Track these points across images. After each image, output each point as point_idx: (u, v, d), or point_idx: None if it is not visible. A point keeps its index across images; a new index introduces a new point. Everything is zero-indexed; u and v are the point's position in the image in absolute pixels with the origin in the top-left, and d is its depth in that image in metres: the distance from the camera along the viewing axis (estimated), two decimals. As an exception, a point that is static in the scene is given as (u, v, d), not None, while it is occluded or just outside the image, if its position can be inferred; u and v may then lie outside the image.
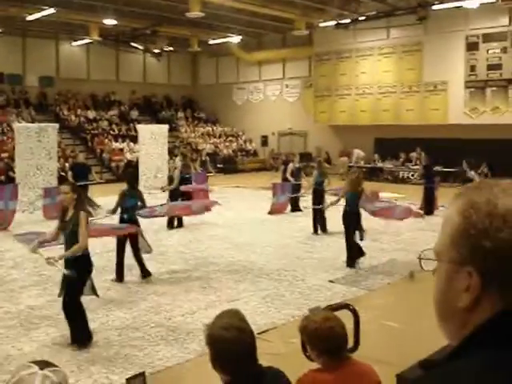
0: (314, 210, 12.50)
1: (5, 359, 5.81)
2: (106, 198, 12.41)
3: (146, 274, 8.76)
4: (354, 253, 9.52)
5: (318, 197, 12.79)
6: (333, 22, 24.23)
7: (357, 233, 9.58)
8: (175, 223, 13.26)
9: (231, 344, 2.19)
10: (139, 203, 8.98)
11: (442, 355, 1.02)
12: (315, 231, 12.54)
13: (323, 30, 25.60)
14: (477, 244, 0.96)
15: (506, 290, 0.95)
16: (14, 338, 6.40)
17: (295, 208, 15.40)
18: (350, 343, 3.63)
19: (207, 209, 12.32)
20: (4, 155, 23.13)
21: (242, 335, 2.22)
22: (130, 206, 8.86)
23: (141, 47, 29.36)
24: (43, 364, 1.60)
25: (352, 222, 9.53)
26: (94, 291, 6.49)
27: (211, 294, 8.02)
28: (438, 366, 0.99)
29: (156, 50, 29.55)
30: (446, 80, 23.37)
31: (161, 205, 10.66)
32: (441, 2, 21.04)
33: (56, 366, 1.53)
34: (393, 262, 10.09)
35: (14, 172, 18.73)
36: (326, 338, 2.69)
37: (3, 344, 6.21)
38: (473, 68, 22.55)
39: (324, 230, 12.58)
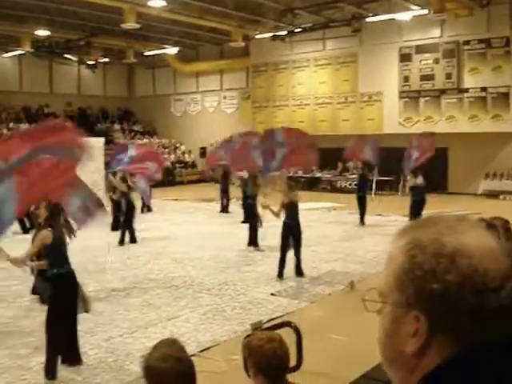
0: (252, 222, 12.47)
1: None
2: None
3: None
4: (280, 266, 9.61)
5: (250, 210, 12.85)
6: (269, 34, 24.42)
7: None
8: (126, 239, 12.97)
9: (168, 376, 2.08)
10: None
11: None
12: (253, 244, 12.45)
13: (260, 41, 25.75)
14: (423, 286, 0.89)
15: (456, 335, 0.88)
16: None
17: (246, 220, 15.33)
18: (293, 362, 3.57)
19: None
20: None
21: (180, 366, 2.12)
22: None
23: (75, 58, 28.81)
24: None
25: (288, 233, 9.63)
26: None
27: (151, 312, 7.85)
28: None
29: (91, 62, 29.06)
30: (381, 90, 23.84)
31: None
32: (375, 15, 21.49)
33: None
34: (332, 272, 10.14)
35: None
36: (267, 357, 2.63)
37: None
38: (406, 79, 23.10)
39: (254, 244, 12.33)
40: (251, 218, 12.34)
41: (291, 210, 9.56)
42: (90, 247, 11.21)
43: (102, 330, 7.11)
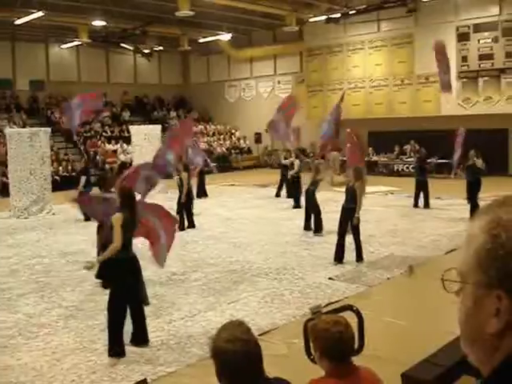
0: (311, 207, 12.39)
1: (4, 370, 5.74)
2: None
3: None
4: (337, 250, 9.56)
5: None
6: (323, 17, 24.18)
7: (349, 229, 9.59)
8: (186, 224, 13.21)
9: (236, 357, 2.12)
10: None
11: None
12: (308, 228, 12.45)
13: (313, 24, 25.54)
14: (506, 265, 0.89)
15: None
16: (13, 347, 6.32)
17: (296, 205, 15.38)
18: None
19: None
20: (-4, 161, 22.98)
21: (247, 347, 2.15)
22: None
23: (131, 48, 29.21)
24: None
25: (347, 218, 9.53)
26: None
27: (210, 296, 7.96)
28: None
29: (146, 51, 29.43)
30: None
31: None
32: (430, -6, 21.02)
33: None
34: (391, 256, 10.05)
35: (7, 178, 18.62)
36: (333, 340, 2.64)
37: (2, 354, 6.13)
38: (464, 58, 22.51)
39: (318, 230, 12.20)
40: (313, 205, 12.25)
41: (351, 194, 9.46)
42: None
43: (164, 313, 7.26)
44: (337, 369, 2.64)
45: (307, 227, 12.41)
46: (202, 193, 18.24)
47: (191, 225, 13.27)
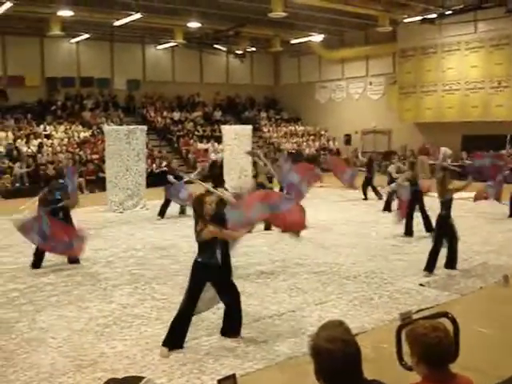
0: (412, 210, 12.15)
1: (99, 357, 6.01)
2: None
3: None
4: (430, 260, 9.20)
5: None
6: (418, 18, 23.69)
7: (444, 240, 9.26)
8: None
9: (336, 357, 2.15)
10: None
11: None
12: (408, 233, 12.20)
13: (407, 25, 25.09)
14: None
15: None
16: (108, 336, 6.60)
17: (387, 208, 15.18)
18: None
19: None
20: (94, 157, 24.02)
21: (348, 348, 2.18)
22: None
23: (224, 49, 29.72)
24: (133, 382, 1.60)
25: (444, 227, 9.20)
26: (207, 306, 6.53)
27: (298, 296, 8.00)
28: None
29: (239, 51, 29.84)
30: (539, 73, 22.39)
31: None
32: (533, -7, 20.16)
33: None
34: (484, 265, 9.73)
35: (103, 173, 19.42)
36: (431, 346, 2.60)
37: (98, 342, 6.41)
38: None
39: (429, 229, 11.79)
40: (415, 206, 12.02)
41: (448, 202, 9.17)
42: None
43: (253, 310, 7.36)
44: (434, 375, 2.61)
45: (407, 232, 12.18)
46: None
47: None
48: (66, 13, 21.67)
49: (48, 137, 25.05)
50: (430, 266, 9.13)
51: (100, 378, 5.47)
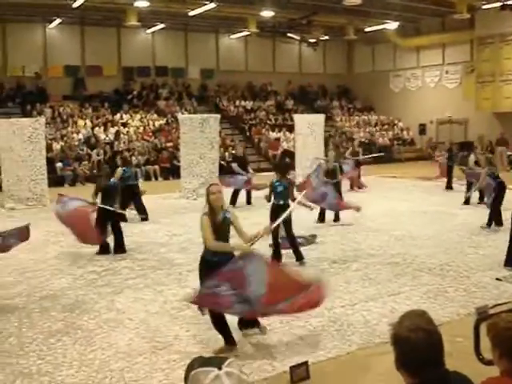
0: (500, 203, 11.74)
1: (174, 339, 6.15)
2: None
3: (299, 258, 9.16)
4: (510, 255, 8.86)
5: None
6: (497, 4, 22.87)
7: None
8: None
9: (418, 347, 2.13)
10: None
11: None
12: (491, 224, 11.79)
13: (486, 11, 24.27)
14: None
15: None
16: (183, 319, 6.74)
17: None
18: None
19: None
20: (169, 144, 24.50)
21: (430, 338, 2.15)
22: (279, 192, 9.18)
23: (297, 37, 29.59)
24: (217, 362, 1.63)
25: None
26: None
27: (371, 287, 7.93)
28: None
29: (312, 40, 29.64)
30: None
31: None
32: None
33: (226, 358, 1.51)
34: None
35: (178, 161, 19.79)
36: None
37: (173, 325, 6.57)
38: None
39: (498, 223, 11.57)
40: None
41: None
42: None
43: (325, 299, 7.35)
44: (512, 368, 2.54)
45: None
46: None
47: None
48: (142, 3, 22.14)
49: (124, 125, 25.72)
50: (510, 262, 8.85)
51: (175, 360, 5.61)
